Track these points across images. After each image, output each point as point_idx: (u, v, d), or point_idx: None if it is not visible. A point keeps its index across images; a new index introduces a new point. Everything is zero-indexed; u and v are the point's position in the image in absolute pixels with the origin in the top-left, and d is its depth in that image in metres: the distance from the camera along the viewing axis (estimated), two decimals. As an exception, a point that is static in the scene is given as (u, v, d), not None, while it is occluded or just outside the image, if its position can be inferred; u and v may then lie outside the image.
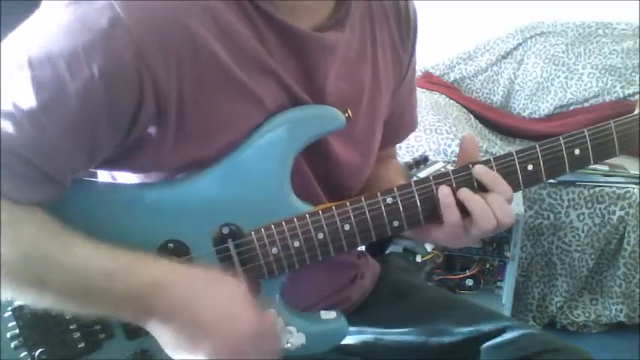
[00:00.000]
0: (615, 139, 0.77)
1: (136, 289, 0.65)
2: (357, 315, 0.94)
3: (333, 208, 0.74)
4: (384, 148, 0.96)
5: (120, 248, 0.66)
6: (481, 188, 0.75)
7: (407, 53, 0.90)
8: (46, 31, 0.63)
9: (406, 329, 0.93)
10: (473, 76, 2.65)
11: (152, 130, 0.68)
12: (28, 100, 0.61)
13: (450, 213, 0.74)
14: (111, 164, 0.72)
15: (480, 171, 0.75)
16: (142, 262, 0.67)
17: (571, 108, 2.49)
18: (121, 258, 0.66)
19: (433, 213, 0.76)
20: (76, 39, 0.61)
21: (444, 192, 0.74)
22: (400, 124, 0.98)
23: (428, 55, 2.55)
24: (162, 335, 0.67)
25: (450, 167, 1.86)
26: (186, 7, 0.65)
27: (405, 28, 0.88)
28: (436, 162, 1.95)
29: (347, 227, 0.74)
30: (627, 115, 0.78)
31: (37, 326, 0.72)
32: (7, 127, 0.61)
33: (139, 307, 0.66)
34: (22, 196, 0.63)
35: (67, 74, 0.61)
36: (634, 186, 1.98)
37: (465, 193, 0.74)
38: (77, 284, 0.64)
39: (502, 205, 0.74)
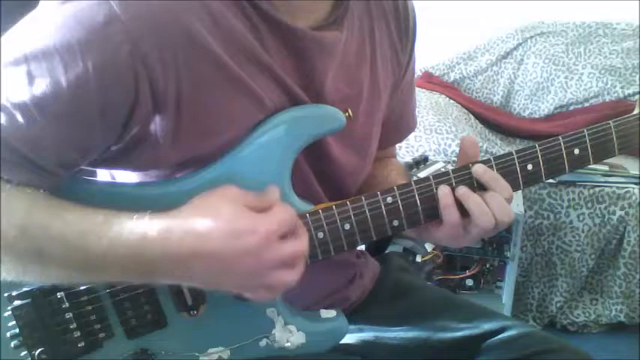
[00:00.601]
0: (615, 139, 0.77)
1: (134, 245, 0.63)
2: (356, 314, 0.94)
3: (334, 207, 0.74)
4: (383, 148, 0.96)
5: (113, 212, 0.64)
6: (481, 188, 0.75)
7: (406, 53, 0.90)
8: (42, 27, 0.64)
9: (406, 328, 0.93)
10: (473, 76, 2.65)
11: (149, 127, 0.68)
12: (21, 92, 0.62)
13: (449, 213, 0.74)
14: (110, 162, 0.72)
15: (479, 170, 0.75)
16: (134, 219, 0.64)
17: (571, 108, 2.49)
18: (114, 219, 0.64)
19: (433, 212, 0.76)
20: (71, 34, 0.61)
21: (443, 192, 0.74)
22: (400, 123, 0.98)
23: (428, 55, 2.55)
24: (180, 281, 0.67)
25: (450, 167, 1.87)
26: (183, 5, 0.65)
27: (403, 28, 0.88)
28: (436, 162, 1.95)
29: (347, 226, 0.74)
30: (627, 115, 0.78)
31: (36, 326, 0.72)
32: (2, 119, 0.62)
33: (139, 266, 0.63)
34: (17, 179, 0.64)
35: (61, 68, 0.61)
36: (634, 186, 1.98)
37: (462, 191, 0.74)
38: (76, 252, 0.63)
39: (501, 204, 0.74)
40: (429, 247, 1.84)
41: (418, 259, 1.84)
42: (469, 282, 1.90)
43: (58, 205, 0.65)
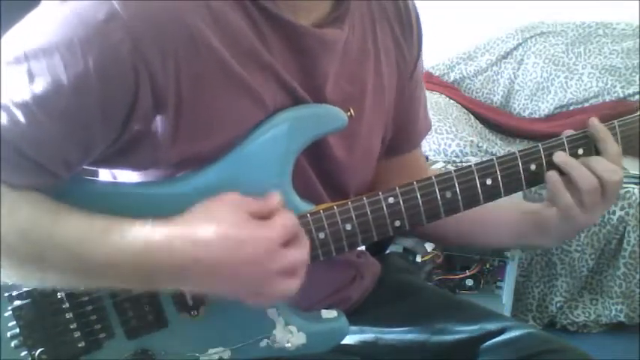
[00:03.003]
0: (619, 140, 0.77)
1: (136, 253, 0.63)
2: (357, 314, 0.94)
3: (335, 207, 0.74)
4: (405, 152, 0.95)
5: (114, 218, 0.65)
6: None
7: (411, 49, 0.89)
8: (43, 25, 0.64)
9: (406, 329, 0.93)
10: (473, 76, 2.65)
11: (150, 126, 0.67)
12: (22, 91, 0.61)
13: (562, 193, 0.75)
14: (110, 162, 0.72)
15: (561, 155, 0.76)
16: (135, 227, 0.64)
17: (571, 108, 2.48)
18: (115, 226, 0.64)
19: (435, 212, 0.76)
20: (72, 32, 0.61)
21: (553, 177, 0.75)
22: (415, 124, 0.96)
23: (428, 55, 2.53)
24: (181, 288, 0.67)
25: (450, 167, 1.87)
26: (184, 3, 0.65)
27: (407, 28, 0.88)
28: (436, 162, 1.95)
29: (348, 227, 0.74)
30: (630, 116, 0.78)
31: (37, 326, 0.72)
32: (2, 118, 0.62)
33: (140, 273, 0.64)
34: (17, 182, 0.64)
35: (62, 66, 0.61)
36: (634, 186, 1.98)
37: (560, 158, 0.76)
38: (77, 258, 0.64)
39: (604, 164, 0.75)
40: (429, 246, 1.84)
41: (418, 259, 1.84)
42: (469, 282, 1.90)
43: (60, 211, 0.65)
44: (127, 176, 0.76)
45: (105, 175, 0.80)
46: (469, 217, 0.81)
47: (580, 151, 0.77)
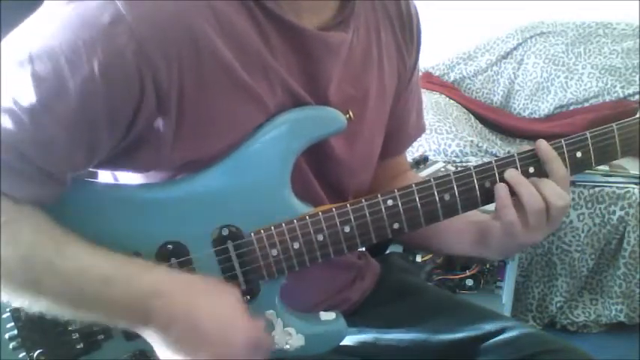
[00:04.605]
0: (617, 143, 0.76)
1: (134, 296, 0.65)
2: (356, 315, 0.94)
3: (333, 209, 0.74)
4: (392, 156, 0.95)
5: (118, 254, 0.66)
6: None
7: (411, 55, 0.90)
8: (47, 27, 0.63)
9: (406, 330, 0.93)
10: (473, 76, 2.65)
11: (153, 128, 0.67)
12: (27, 95, 0.61)
13: (507, 210, 0.74)
14: (111, 164, 0.72)
15: (513, 173, 0.75)
16: (141, 268, 0.67)
17: (571, 108, 2.48)
18: (119, 264, 0.66)
19: (434, 215, 0.76)
20: (77, 35, 0.61)
21: (501, 191, 0.75)
22: (406, 128, 0.97)
23: (428, 55, 2.54)
24: (159, 342, 0.67)
25: (450, 167, 1.87)
26: (189, 5, 0.65)
27: (408, 29, 0.88)
28: (436, 162, 1.95)
29: (347, 229, 0.74)
30: (630, 119, 0.77)
31: (35, 327, 0.72)
32: (7, 122, 0.61)
33: (135, 315, 0.66)
34: (20, 192, 0.63)
35: (67, 70, 0.61)
36: (634, 186, 1.98)
37: (511, 174, 0.75)
38: (73, 289, 0.64)
39: (553, 188, 0.73)
40: (429, 247, 1.84)
41: (418, 259, 1.84)
42: (469, 282, 1.90)
43: (60, 238, 0.65)
44: (129, 178, 0.76)
45: (106, 176, 0.80)
46: None
47: (531, 170, 0.76)
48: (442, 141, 2.14)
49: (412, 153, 2.09)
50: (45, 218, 0.66)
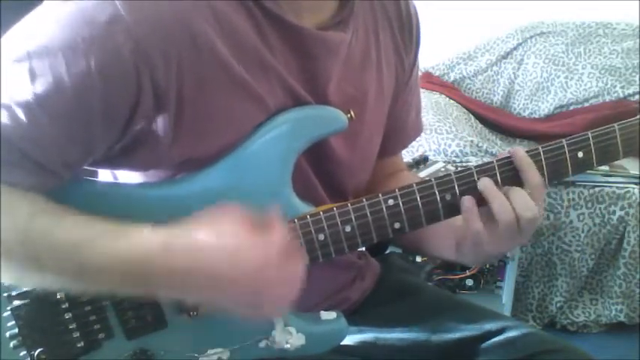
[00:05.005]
0: (619, 143, 0.76)
1: (133, 259, 0.63)
2: (357, 315, 0.94)
3: (335, 209, 0.74)
4: (389, 155, 0.95)
5: (113, 222, 0.64)
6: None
7: (410, 55, 0.90)
8: (45, 25, 0.64)
9: (406, 329, 0.93)
10: (473, 76, 2.65)
11: (151, 126, 0.67)
12: (24, 91, 0.61)
13: (473, 220, 0.74)
14: (110, 162, 0.72)
15: (486, 183, 0.74)
16: (134, 232, 0.64)
17: (571, 108, 2.48)
18: (113, 231, 0.64)
19: (435, 215, 0.76)
20: (75, 33, 0.61)
21: (468, 201, 0.74)
22: (404, 128, 0.97)
23: (428, 55, 2.54)
24: (191, 297, 0.66)
25: (450, 167, 1.87)
26: (188, 5, 0.65)
27: (407, 29, 0.88)
28: (436, 162, 1.95)
29: (348, 229, 0.74)
30: (631, 119, 0.77)
31: (36, 326, 0.72)
32: (4, 117, 0.62)
33: (138, 279, 0.64)
34: (17, 182, 0.64)
35: (64, 66, 0.61)
36: (634, 186, 1.98)
37: (484, 183, 0.74)
38: (71, 260, 0.63)
39: (523, 198, 0.73)
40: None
41: (418, 259, 1.84)
42: (469, 282, 1.90)
43: (58, 212, 0.65)
44: (128, 177, 0.76)
45: (106, 175, 0.80)
46: None
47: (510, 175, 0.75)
48: (442, 141, 2.14)
49: (412, 153, 2.09)
50: (39, 196, 0.65)
